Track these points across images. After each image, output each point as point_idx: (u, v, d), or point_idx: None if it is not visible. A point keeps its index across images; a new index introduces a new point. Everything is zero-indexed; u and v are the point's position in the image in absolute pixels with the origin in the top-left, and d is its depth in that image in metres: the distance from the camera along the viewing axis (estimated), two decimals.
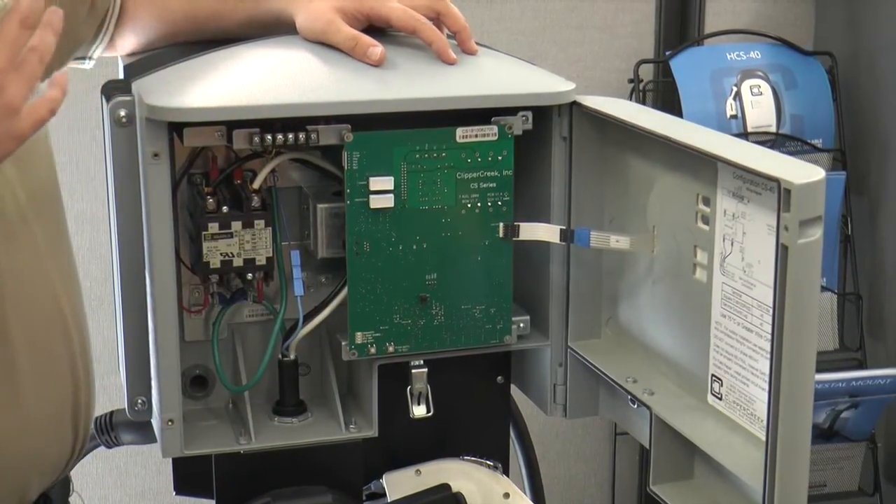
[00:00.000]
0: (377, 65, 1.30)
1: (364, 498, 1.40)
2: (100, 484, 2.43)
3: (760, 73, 2.41)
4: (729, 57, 2.42)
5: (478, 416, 1.44)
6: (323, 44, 1.33)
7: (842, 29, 2.55)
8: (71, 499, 1.39)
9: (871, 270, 2.53)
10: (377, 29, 1.35)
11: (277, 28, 1.37)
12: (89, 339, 1.34)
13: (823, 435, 2.36)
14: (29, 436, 1.24)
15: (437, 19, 1.35)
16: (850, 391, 2.29)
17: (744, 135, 2.34)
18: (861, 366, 2.44)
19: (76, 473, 1.41)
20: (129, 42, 1.44)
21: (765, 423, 1.11)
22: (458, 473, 1.41)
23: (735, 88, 2.39)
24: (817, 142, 2.41)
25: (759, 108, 2.39)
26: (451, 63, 1.33)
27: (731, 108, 2.38)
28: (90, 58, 1.44)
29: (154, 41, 1.42)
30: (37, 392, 1.24)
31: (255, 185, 1.30)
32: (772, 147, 2.27)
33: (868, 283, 2.53)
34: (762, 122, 2.39)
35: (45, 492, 1.30)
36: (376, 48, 1.30)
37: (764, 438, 1.11)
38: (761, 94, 2.40)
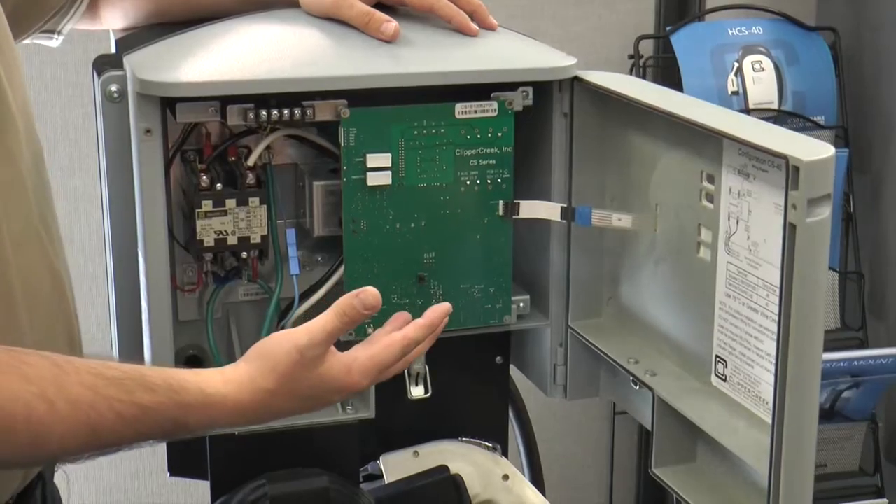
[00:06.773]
0: (391, 41, 1.28)
1: (361, 480, 1.39)
2: (94, 464, 2.40)
3: (762, 49, 2.39)
4: (730, 32, 2.40)
5: (476, 397, 1.43)
6: (320, 18, 1.31)
7: (844, 4, 2.53)
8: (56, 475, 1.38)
9: (873, 249, 2.52)
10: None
11: (275, 3, 1.35)
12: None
13: (824, 415, 2.35)
14: None
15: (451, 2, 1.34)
16: (851, 371, 2.28)
17: (745, 111, 2.32)
18: (862, 345, 2.43)
19: None
20: (115, 14, 1.40)
21: (770, 405, 1.09)
22: (457, 455, 1.40)
23: (736, 64, 2.37)
24: (819, 118, 2.40)
25: (761, 84, 2.37)
26: (473, 35, 1.32)
27: (732, 84, 2.36)
28: (59, 32, 1.40)
29: (146, 15, 1.39)
30: None
31: (250, 161, 1.29)
32: (774, 124, 2.25)
33: (870, 262, 2.52)
34: (764, 99, 2.36)
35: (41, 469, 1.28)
36: (390, 23, 1.28)
37: (769, 421, 1.10)
38: (763, 70, 2.37)
